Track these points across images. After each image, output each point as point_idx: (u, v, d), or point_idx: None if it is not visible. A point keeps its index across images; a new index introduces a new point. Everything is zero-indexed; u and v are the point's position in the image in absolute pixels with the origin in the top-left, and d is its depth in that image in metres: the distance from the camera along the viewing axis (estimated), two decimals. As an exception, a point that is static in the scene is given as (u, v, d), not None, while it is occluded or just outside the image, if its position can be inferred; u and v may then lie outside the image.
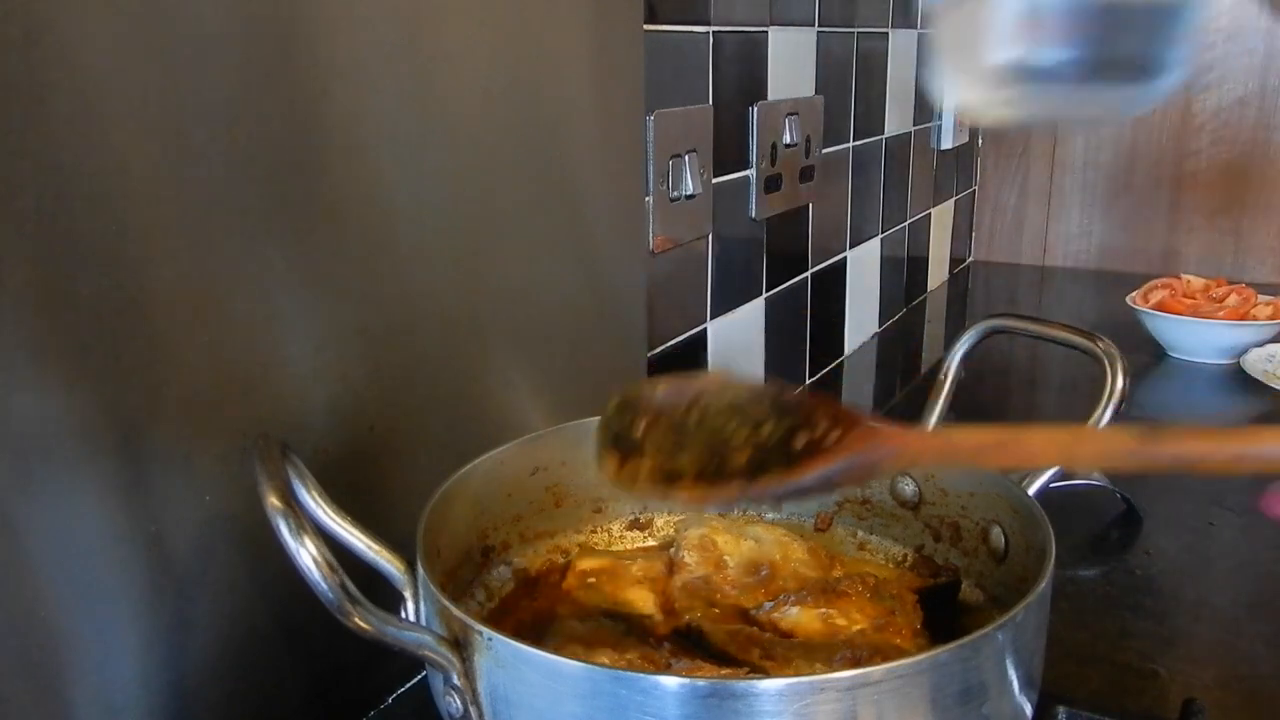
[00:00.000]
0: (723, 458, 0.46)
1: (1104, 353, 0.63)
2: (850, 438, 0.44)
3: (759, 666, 0.55)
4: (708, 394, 0.46)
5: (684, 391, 0.48)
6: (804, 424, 0.45)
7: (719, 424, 0.46)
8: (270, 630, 0.60)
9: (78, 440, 0.49)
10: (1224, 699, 0.66)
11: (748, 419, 0.46)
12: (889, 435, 0.44)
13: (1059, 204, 1.95)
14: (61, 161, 0.47)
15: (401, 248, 0.66)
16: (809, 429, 0.45)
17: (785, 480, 0.43)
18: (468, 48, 0.69)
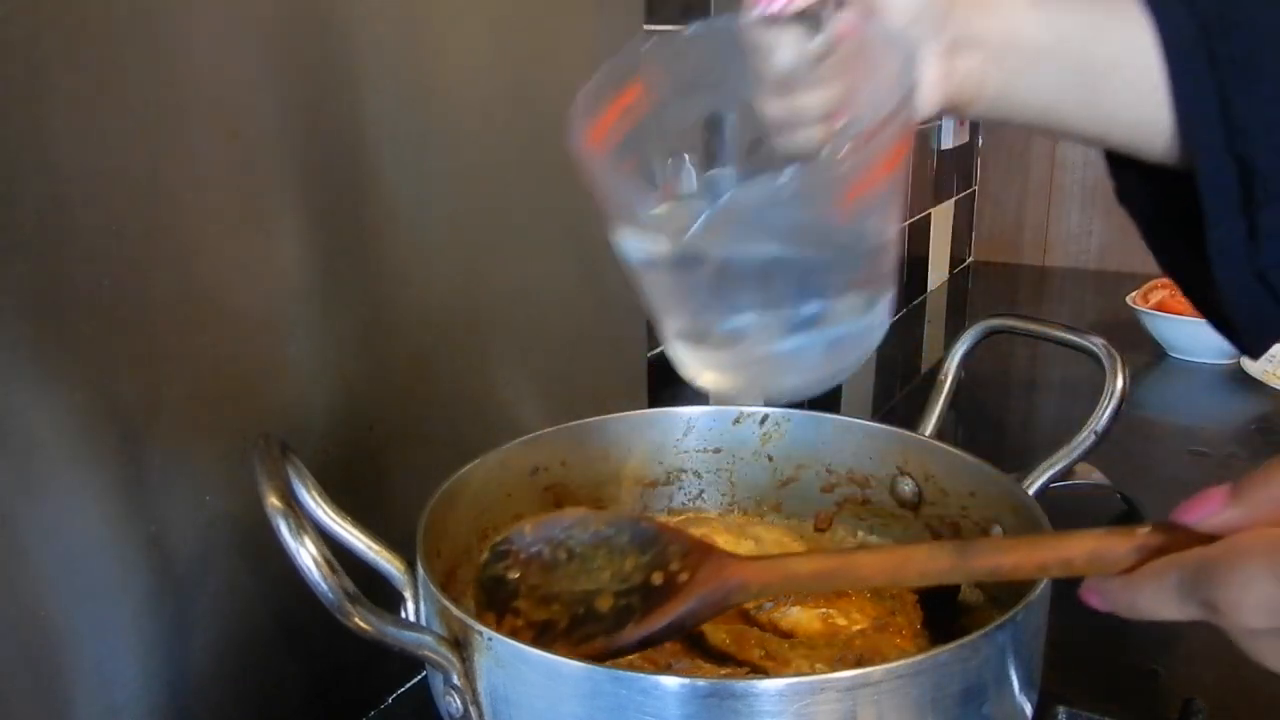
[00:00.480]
0: (589, 604, 0.48)
1: (1104, 353, 0.63)
2: (701, 573, 0.46)
3: (759, 666, 0.55)
4: (574, 530, 0.49)
5: (552, 530, 0.52)
6: (660, 559, 0.48)
7: (587, 562, 0.49)
8: (270, 630, 0.60)
9: (78, 440, 0.49)
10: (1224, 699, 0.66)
11: (613, 553, 0.49)
12: (735, 569, 0.46)
13: (1059, 204, 1.95)
14: (61, 161, 0.47)
15: (401, 248, 0.66)
16: (663, 566, 0.48)
17: (641, 629, 0.45)
18: (468, 48, 0.69)
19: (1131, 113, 0.51)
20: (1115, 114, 0.52)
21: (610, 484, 0.73)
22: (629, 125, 0.45)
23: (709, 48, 0.45)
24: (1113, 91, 0.51)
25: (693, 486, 0.75)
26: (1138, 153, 0.53)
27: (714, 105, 0.47)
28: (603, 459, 0.72)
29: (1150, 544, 0.38)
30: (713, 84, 0.47)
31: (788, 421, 0.72)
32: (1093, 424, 0.62)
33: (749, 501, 0.75)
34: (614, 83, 0.45)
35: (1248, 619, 0.34)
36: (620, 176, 0.43)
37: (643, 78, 0.45)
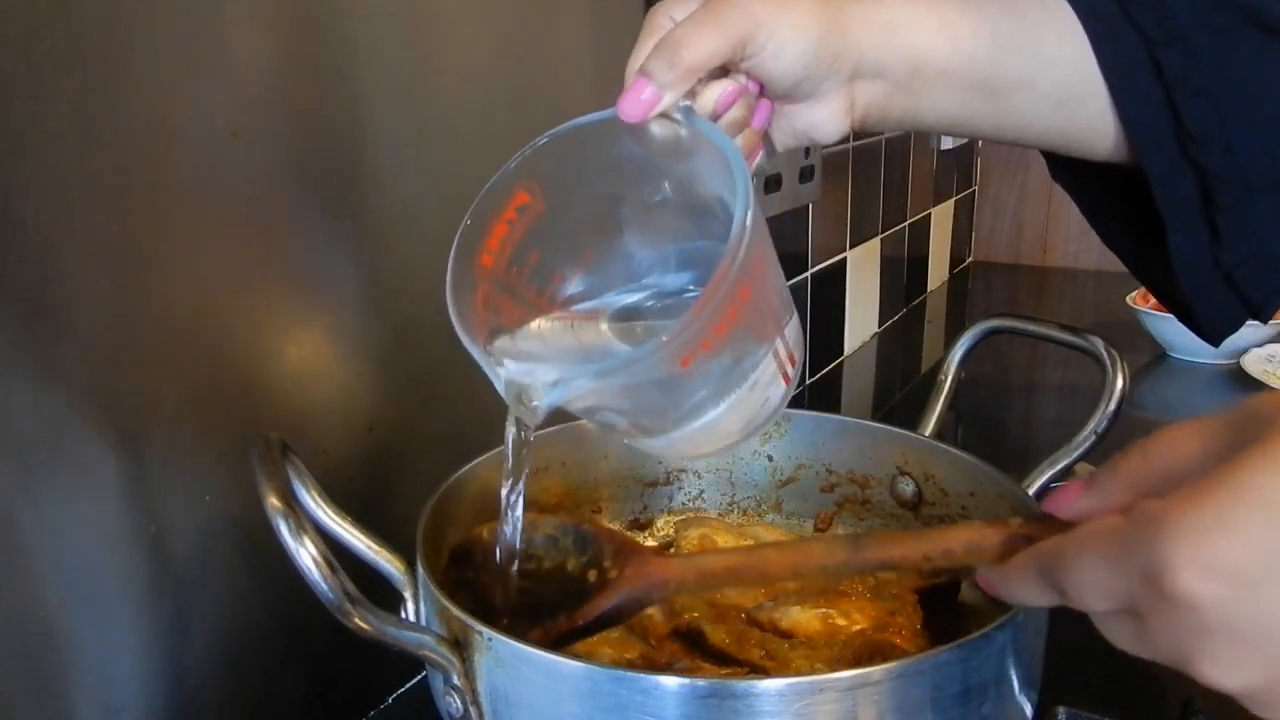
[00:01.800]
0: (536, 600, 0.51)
1: (1104, 353, 0.63)
2: (627, 571, 0.49)
3: (759, 666, 0.55)
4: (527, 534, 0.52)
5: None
6: (595, 558, 0.51)
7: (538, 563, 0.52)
8: (270, 630, 0.60)
9: (78, 440, 0.49)
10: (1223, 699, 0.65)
11: (560, 553, 0.52)
12: (656, 567, 0.49)
13: (1059, 204, 1.95)
14: (62, 161, 0.47)
15: (401, 247, 0.66)
16: (598, 564, 0.51)
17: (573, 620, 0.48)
18: (468, 46, 0.69)
19: (1046, 121, 0.52)
20: (1028, 123, 0.52)
21: (610, 484, 0.73)
22: (526, 227, 0.47)
23: (589, 137, 0.46)
24: (1021, 105, 0.51)
25: (693, 486, 0.75)
26: (1056, 150, 0.54)
27: (609, 185, 0.48)
28: (603, 459, 0.72)
29: (1020, 534, 0.40)
30: (605, 164, 0.48)
31: (788, 421, 0.72)
32: (1093, 424, 0.62)
33: (749, 501, 0.75)
34: (495, 197, 0.47)
35: (1089, 601, 0.35)
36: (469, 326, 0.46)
37: (528, 182, 0.47)
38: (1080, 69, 0.50)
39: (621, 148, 0.46)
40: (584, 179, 0.48)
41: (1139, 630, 0.34)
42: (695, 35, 0.44)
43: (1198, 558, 0.31)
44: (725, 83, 0.46)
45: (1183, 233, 0.51)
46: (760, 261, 0.42)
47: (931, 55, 0.49)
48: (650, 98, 0.44)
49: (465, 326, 0.45)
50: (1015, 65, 0.50)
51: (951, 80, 0.50)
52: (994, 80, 0.50)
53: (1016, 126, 0.52)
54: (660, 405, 0.45)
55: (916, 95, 0.50)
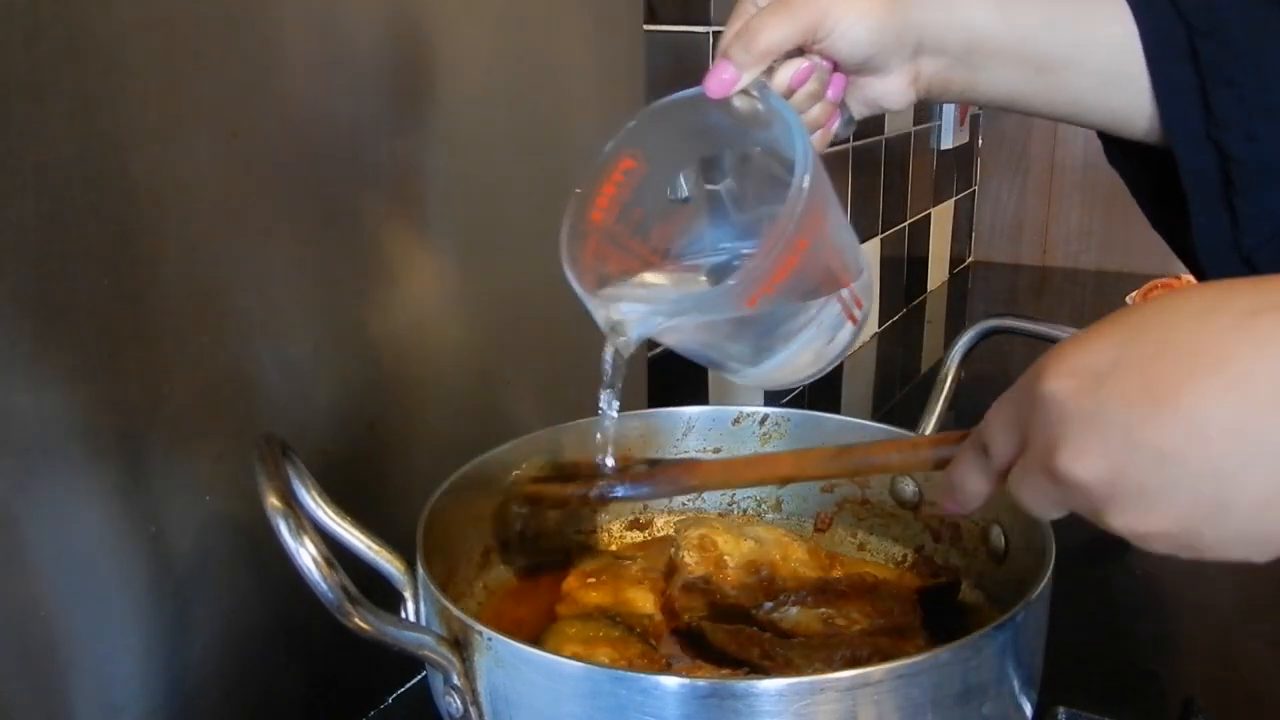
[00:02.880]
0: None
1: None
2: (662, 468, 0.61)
3: (759, 666, 0.55)
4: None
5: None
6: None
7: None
8: (270, 630, 0.60)
9: (78, 440, 0.49)
10: (1224, 699, 0.66)
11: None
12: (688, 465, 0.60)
13: (1059, 204, 1.95)
14: (61, 161, 0.47)
15: (402, 247, 0.66)
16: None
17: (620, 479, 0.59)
18: (468, 48, 0.69)
19: (1095, 99, 0.55)
20: (1079, 100, 0.56)
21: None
22: (632, 188, 0.54)
23: (685, 110, 0.53)
24: (1073, 82, 0.55)
25: (693, 486, 0.75)
26: (1109, 131, 0.57)
27: (702, 151, 0.56)
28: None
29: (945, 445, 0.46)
30: (699, 133, 0.55)
31: (787, 422, 0.72)
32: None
33: (749, 501, 0.75)
34: (605, 163, 0.54)
35: (999, 445, 0.40)
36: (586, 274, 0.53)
37: (633, 149, 0.54)
38: (1127, 50, 0.53)
39: (711, 119, 0.53)
40: (680, 146, 0.55)
41: (1028, 460, 0.38)
42: (769, 24, 0.51)
43: (1060, 364, 0.36)
44: (799, 61, 0.52)
45: (1204, 213, 0.53)
46: (818, 216, 0.48)
47: (987, 32, 0.53)
48: (730, 77, 0.51)
49: (574, 270, 0.52)
50: (1065, 44, 0.54)
51: (1006, 57, 0.54)
52: (1045, 58, 0.54)
53: (1068, 103, 0.56)
54: (737, 341, 0.53)
55: (974, 70, 0.54)
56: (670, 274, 0.57)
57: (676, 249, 0.57)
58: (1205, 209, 0.53)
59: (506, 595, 0.66)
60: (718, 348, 0.55)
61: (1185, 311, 0.35)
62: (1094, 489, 0.35)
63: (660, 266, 0.57)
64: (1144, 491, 0.34)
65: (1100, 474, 0.35)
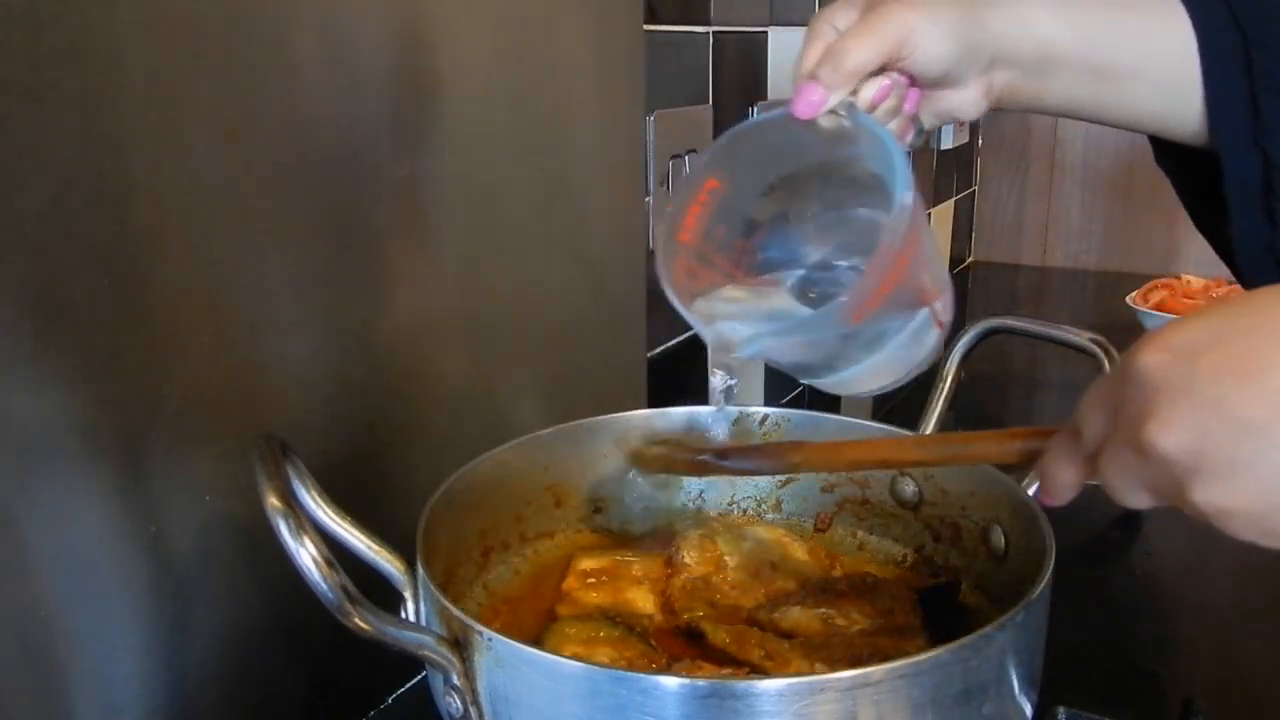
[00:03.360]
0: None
1: (1104, 353, 0.63)
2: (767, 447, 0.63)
3: (759, 666, 0.55)
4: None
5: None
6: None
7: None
8: (270, 630, 0.60)
9: (78, 440, 0.49)
10: (1224, 699, 0.66)
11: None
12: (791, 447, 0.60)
13: (1059, 204, 1.95)
14: (61, 161, 0.47)
15: (401, 247, 0.66)
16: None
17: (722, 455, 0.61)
18: (468, 48, 0.69)
19: (1153, 106, 0.58)
20: (1138, 107, 0.58)
21: (610, 484, 0.73)
22: (714, 208, 0.57)
23: (766, 131, 0.56)
24: (1134, 91, 0.57)
25: (693, 486, 0.75)
26: (1165, 135, 0.59)
27: (780, 169, 0.58)
28: (603, 459, 0.72)
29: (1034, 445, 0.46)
30: (777, 152, 0.57)
31: (787, 422, 0.72)
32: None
33: (749, 501, 0.75)
34: (691, 184, 0.57)
35: (1091, 426, 0.41)
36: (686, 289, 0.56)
37: (717, 170, 0.56)
38: (1187, 60, 0.56)
39: (792, 138, 0.55)
40: (759, 164, 0.57)
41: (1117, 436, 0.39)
42: (856, 45, 0.52)
43: (1156, 341, 0.37)
44: (880, 79, 0.53)
45: (1244, 217, 0.55)
46: (918, 232, 0.50)
47: (1056, 43, 0.56)
48: (819, 99, 0.52)
49: (673, 290, 0.55)
50: (1129, 54, 0.57)
51: (1073, 67, 0.56)
52: (1110, 67, 0.57)
53: (1127, 109, 0.58)
54: (837, 351, 0.55)
55: (1043, 79, 0.57)
56: (750, 288, 0.59)
57: (754, 262, 0.60)
58: (1246, 213, 0.55)
59: (506, 595, 0.66)
60: (811, 357, 0.57)
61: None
62: (1180, 460, 0.36)
63: (741, 281, 0.59)
64: (1229, 464, 0.35)
65: (1187, 445, 0.35)
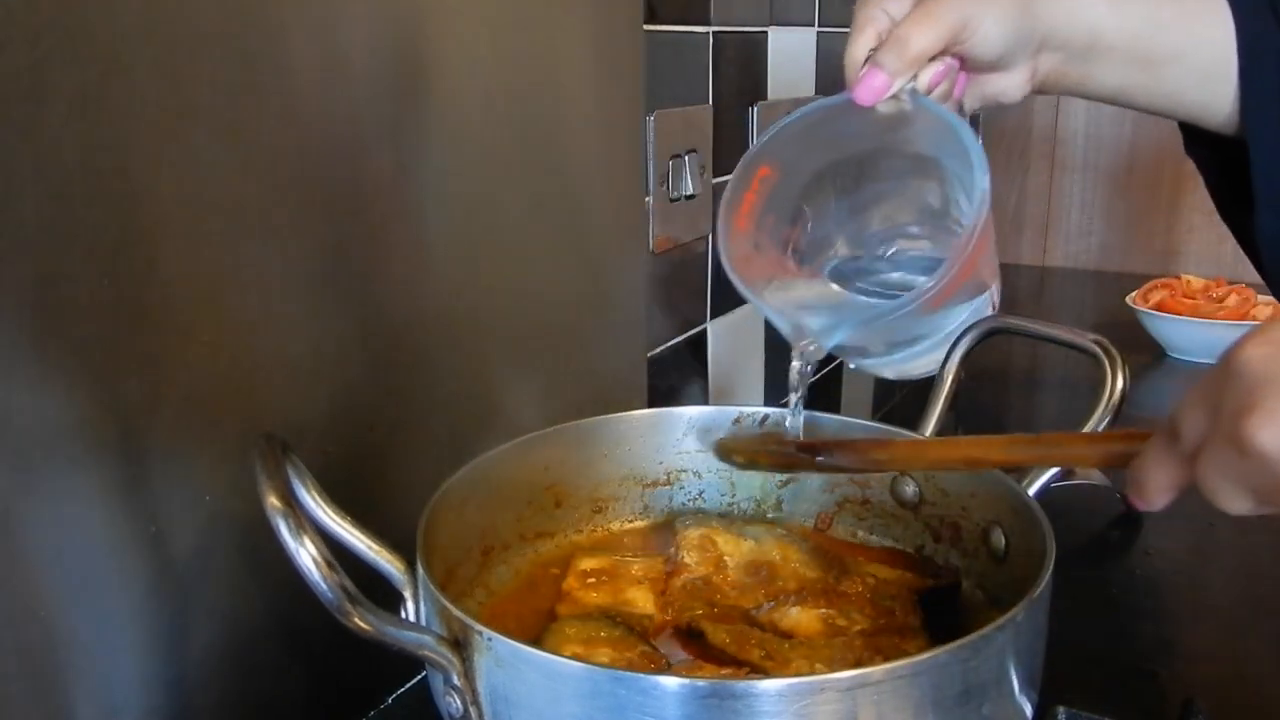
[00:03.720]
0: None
1: (1104, 353, 0.63)
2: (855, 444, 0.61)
3: (759, 666, 0.55)
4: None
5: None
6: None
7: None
8: (270, 630, 0.60)
9: (78, 440, 0.49)
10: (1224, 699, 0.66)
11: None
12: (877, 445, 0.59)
13: (1059, 204, 1.95)
14: (61, 161, 0.47)
15: (401, 247, 0.66)
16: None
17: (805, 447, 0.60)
18: (468, 48, 0.69)
19: (1191, 94, 0.59)
20: (1177, 95, 0.59)
21: (610, 484, 0.73)
22: (765, 196, 0.58)
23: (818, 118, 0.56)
24: (1175, 78, 0.59)
25: (693, 486, 0.75)
26: (1199, 123, 0.60)
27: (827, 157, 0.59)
28: (603, 459, 0.72)
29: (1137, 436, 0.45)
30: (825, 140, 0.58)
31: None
32: (1093, 424, 0.62)
33: (749, 501, 0.75)
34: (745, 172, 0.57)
35: (1188, 424, 0.39)
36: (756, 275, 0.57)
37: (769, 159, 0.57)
38: (1225, 49, 0.57)
39: (840, 125, 0.56)
40: (809, 153, 0.58)
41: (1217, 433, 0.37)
42: (918, 30, 0.53)
43: (1257, 335, 0.37)
44: (937, 64, 0.55)
45: (1269, 210, 0.57)
46: (989, 219, 0.52)
47: (1103, 29, 0.57)
48: (882, 84, 0.53)
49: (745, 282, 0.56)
50: (1171, 41, 0.58)
51: (1118, 53, 0.58)
52: (1154, 54, 0.58)
53: (1166, 96, 0.60)
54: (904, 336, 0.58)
55: (1088, 64, 0.58)
56: (799, 278, 0.60)
57: (800, 249, 0.60)
58: (1271, 206, 0.56)
59: (506, 595, 0.66)
60: (877, 342, 0.59)
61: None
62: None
63: (789, 269, 0.60)
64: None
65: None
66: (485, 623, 0.47)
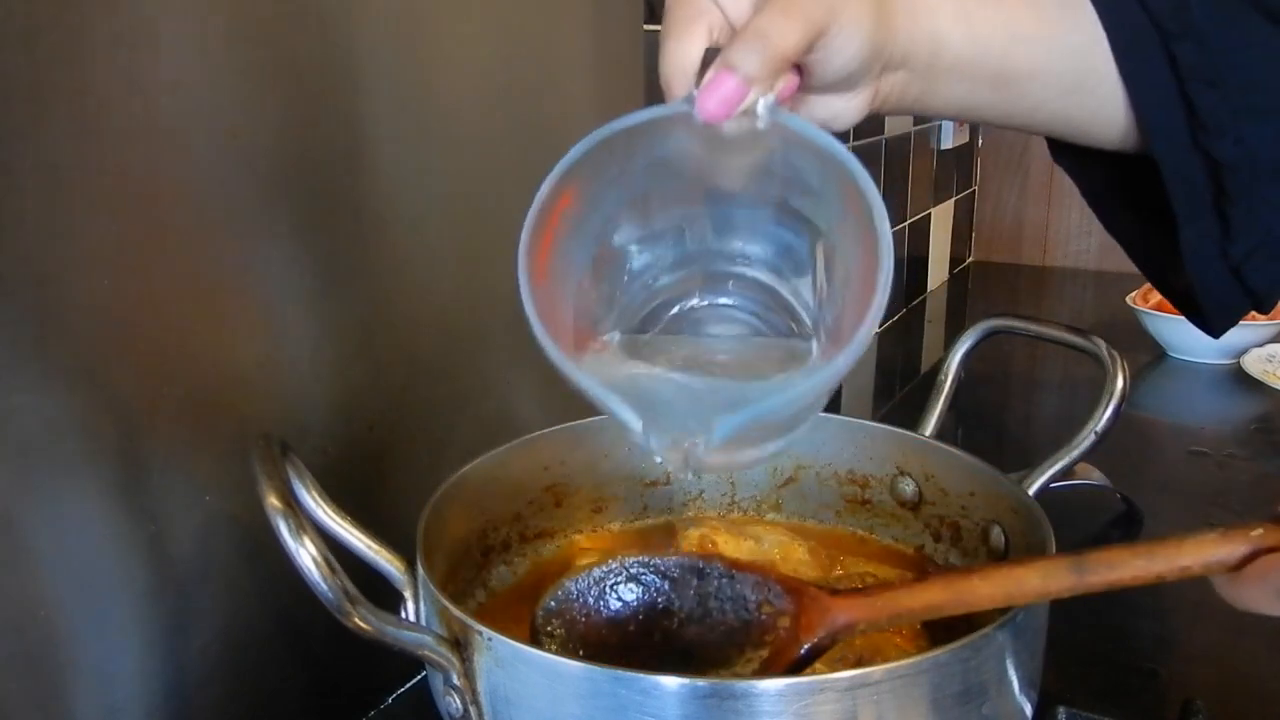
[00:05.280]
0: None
1: (1104, 353, 0.63)
2: (804, 619, 0.48)
3: (759, 666, 0.55)
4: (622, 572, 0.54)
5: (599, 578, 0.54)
6: (742, 602, 0.50)
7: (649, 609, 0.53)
8: (270, 630, 0.60)
9: (78, 440, 0.49)
10: (1224, 699, 0.66)
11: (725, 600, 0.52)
12: (840, 609, 0.48)
13: (1059, 204, 1.95)
14: (61, 161, 0.47)
15: (401, 248, 0.66)
16: (746, 608, 0.50)
17: (767, 672, 0.48)
18: (468, 48, 0.69)
19: (1049, 109, 0.52)
20: (1035, 110, 0.52)
21: (610, 484, 0.73)
22: (565, 233, 0.45)
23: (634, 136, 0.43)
24: (1030, 93, 0.51)
25: (693, 486, 0.75)
26: (1066, 139, 0.54)
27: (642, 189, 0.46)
28: (603, 459, 0.72)
29: (1263, 543, 0.39)
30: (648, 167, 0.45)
31: (788, 421, 0.72)
32: (1093, 424, 0.62)
33: (749, 501, 0.75)
34: (545, 202, 0.45)
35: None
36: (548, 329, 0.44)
37: (573, 184, 0.44)
38: (1090, 58, 0.50)
39: (666, 146, 0.43)
40: (621, 181, 0.45)
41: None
42: (783, 26, 0.41)
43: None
44: (787, 75, 0.44)
45: (1192, 224, 0.51)
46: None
47: (948, 42, 0.48)
48: (736, 94, 0.41)
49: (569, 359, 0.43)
50: (1027, 55, 0.50)
51: (964, 70, 0.49)
52: (1006, 71, 0.50)
53: (1023, 113, 0.52)
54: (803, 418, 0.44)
55: (931, 82, 0.49)
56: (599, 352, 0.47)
57: (610, 307, 0.47)
58: (1194, 219, 0.51)
59: (506, 595, 0.66)
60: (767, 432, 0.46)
61: None
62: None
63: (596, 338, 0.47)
64: None
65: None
66: (485, 623, 0.47)
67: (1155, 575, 0.42)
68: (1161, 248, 0.54)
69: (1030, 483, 0.62)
